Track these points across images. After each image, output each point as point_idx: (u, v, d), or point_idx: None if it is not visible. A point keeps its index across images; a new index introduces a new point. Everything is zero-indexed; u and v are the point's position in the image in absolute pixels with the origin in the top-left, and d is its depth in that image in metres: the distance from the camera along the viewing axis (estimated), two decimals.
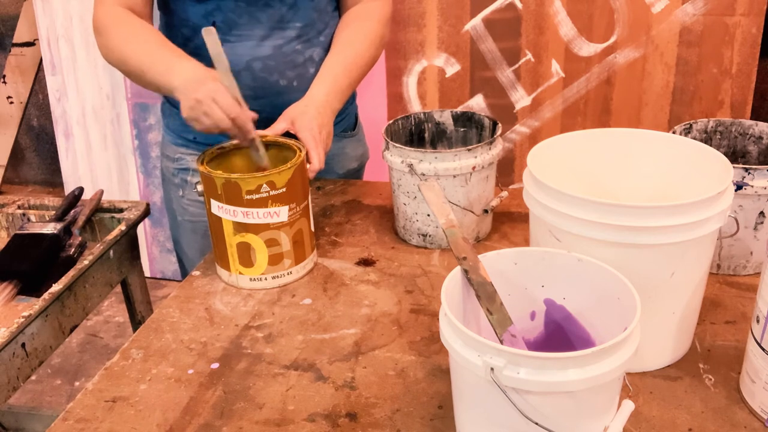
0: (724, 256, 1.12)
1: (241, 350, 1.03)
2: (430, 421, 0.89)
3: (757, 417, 0.87)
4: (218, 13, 1.32)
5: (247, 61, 1.34)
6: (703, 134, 1.22)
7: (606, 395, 0.74)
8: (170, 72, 1.20)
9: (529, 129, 2.42)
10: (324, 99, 1.29)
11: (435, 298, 1.13)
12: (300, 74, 1.39)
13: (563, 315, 0.87)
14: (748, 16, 2.15)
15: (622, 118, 2.34)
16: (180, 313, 1.12)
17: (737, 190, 1.04)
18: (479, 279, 0.82)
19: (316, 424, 0.89)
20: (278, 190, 1.11)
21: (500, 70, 2.36)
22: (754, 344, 0.86)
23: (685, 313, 0.94)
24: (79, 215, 1.40)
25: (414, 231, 1.27)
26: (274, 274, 1.16)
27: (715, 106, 2.26)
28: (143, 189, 2.81)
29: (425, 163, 1.19)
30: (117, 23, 1.28)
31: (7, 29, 3.28)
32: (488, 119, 1.30)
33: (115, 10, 1.29)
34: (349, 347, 1.03)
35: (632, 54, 2.26)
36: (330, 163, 1.27)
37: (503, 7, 2.28)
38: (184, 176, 1.47)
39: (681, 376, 0.94)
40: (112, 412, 0.93)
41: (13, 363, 1.14)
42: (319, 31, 1.40)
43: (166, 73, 1.20)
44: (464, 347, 0.73)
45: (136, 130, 2.74)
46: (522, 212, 1.33)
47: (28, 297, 1.24)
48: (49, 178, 3.56)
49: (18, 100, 3.36)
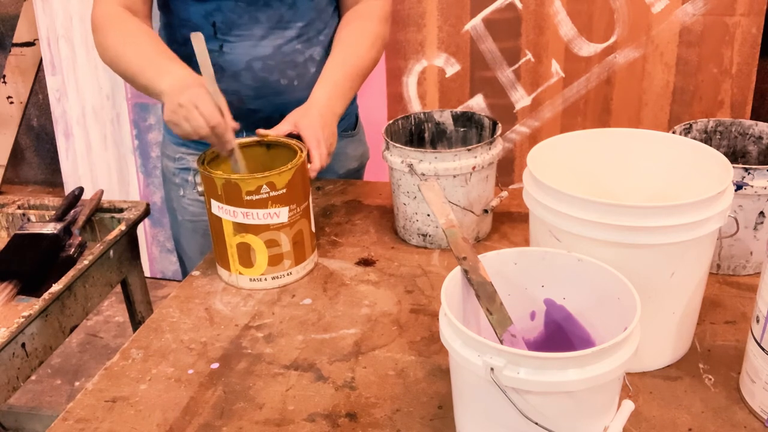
0: (724, 256, 1.12)
1: (241, 350, 1.03)
2: (430, 421, 0.89)
3: (757, 417, 0.87)
4: (218, 13, 1.32)
5: (247, 61, 1.35)
6: (703, 134, 1.22)
7: (606, 395, 0.74)
8: (159, 76, 1.20)
9: (529, 129, 2.42)
10: (326, 103, 1.29)
11: (435, 298, 1.13)
12: (300, 74, 1.39)
13: (563, 315, 0.87)
14: (748, 16, 2.15)
15: (622, 118, 2.34)
16: (180, 313, 1.12)
17: (737, 190, 1.04)
18: (479, 279, 0.82)
19: (316, 424, 0.89)
20: (278, 191, 1.10)
21: (500, 70, 2.36)
22: (754, 344, 0.86)
23: (685, 313, 0.94)
24: (79, 215, 1.40)
25: (414, 231, 1.27)
26: (274, 275, 1.16)
27: (715, 106, 2.26)
28: (143, 189, 2.81)
29: (425, 163, 1.19)
30: (114, 22, 1.28)
31: (7, 29, 3.28)
32: (488, 119, 1.30)
33: (114, 9, 1.29)
34: (349, 347, 1.03)
35: (632, 54, 2.26)
36: (331, 162, 1.27)
37: (503, 7, 2.28)
38: (185, 176, 1.47)
39: (681, 376, 0.94)
40: (112, 412, 0.93)
41: (13, 363, 1.14)
42: (319, 31, 1.40)
43: (155, 76, 1.20)
44: (464, 347, 0.73)
45: (136, 130, 2.74)
46: (522, 212, 1.33)
47: (28, 297, 1.24)
48: (49, 178, 3.56)
49: (18, 100, 3.36)
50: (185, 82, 1.16)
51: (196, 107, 1.12)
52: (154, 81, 1.20)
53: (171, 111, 1.15)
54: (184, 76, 1.18)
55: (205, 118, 1.12)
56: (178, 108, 1.14)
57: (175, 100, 1.14)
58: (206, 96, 1.14)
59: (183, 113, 1.13)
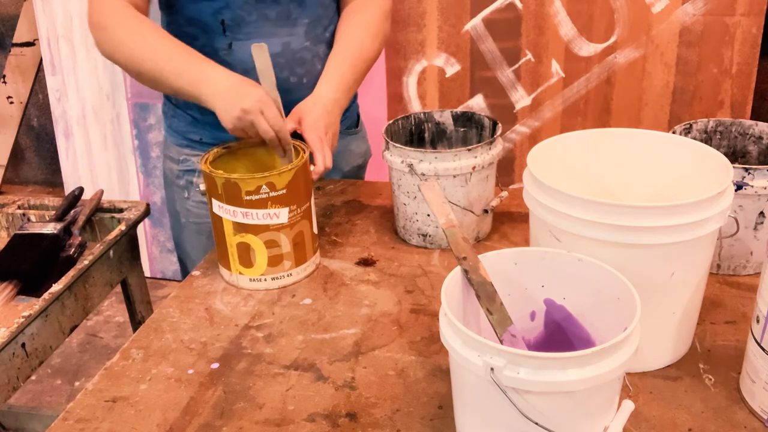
0: (724, 256, 1.12)
1: (241, 350, 1.03)
2: (430, 421, 0.89)
3: (757, 417, 0.87)
4: (227, 10, 1.31)
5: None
6: (703, 134, 1.22)
7: (606, 395, 0.74)
8: (199, 81, 1.20)
9: (529, 129, 2.42)
10: (332, 96, 1.29)
11: (435, 298, 1.13)
12: (308, 71, 1.39)
13: (563, 315, 0.87)
14: (748, 16, 2.15)
15: (622, 118, 2.34)
16: (180, 313, 1.12)
17: (737, 190, 1.04)
18: (479, 279, 0.82)
19: (316, 424, 0.89)
20: (278, 192, 1.10)
21: (500, 70, 2.36)
22: (754, 344, 0.86)
23: (685, 313, 0.94)
24: (79, 215, 1.40)
25: (414, 231, 1.27)
26: (273, 275, 1.16)
27: (715, 106, 2.26)
28: (143, 189, 2.81)
29: (425, 163, 1.19)
30: (124, 19, 1.25)
31: (7, 29, 3.28)
32: (488, 119, 1.30)
33: (118, 4, 1.26)
34: (349, 347, 1.03)
35: (632, 54, 2.26)
36: (335, 160, 1.27)
37: (503, 7, 2.28)
38: (190, 177, 1.45)
39: (681, 376, 0.94)
40: (112, 412, 0.93)
41: (13, 363, 1.14)
42: (324, 27, 1.40)
43: (194, 81, 1.20)
44: (464, 347, 0.73)
45: (136, 130, 2.74)
46: (522, 212, 1.33)
47: (28, 297, 1.24)
48: (49, 178, 3.57)
49: (18, 100, 3.36)
50: (239, 85, 1.18)
51: (261, 113, 1.15)
52: (194, 86, 1.20)
53: (235, 118, 1.16)
54: (233, 80, 1.20)
55: (270, 123, 1.15)
56: (243, 114, 1.15)
57: (237, 105, 1.15)
58: (270, 101, 1.17)
59: (250, 118, 1.15)
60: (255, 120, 1.15)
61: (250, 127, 1.17)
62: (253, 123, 1.16)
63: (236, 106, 1.16)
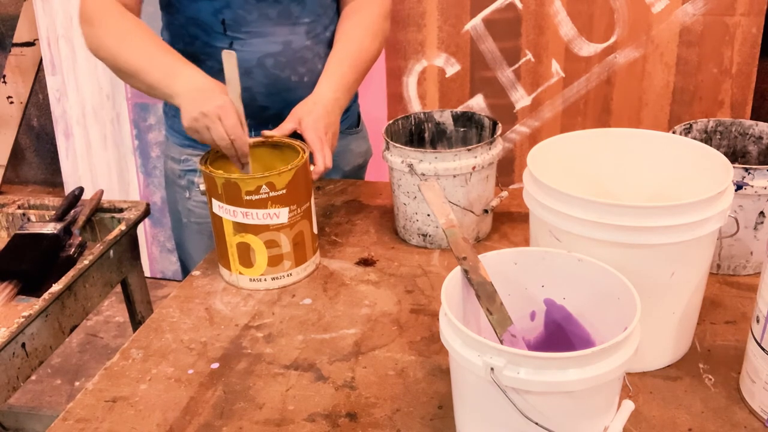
0: (724, 256, 1.12)
1: (241, 350, 1.03)
2: (430, 421, 0.89)
3: (757, 417, 0.87)
4: (228, 10, 1.31)
5: (258, 58, 1.34)
6: (703, 134, 1.22)
7: (606, 395, 0.74)
8: (171, 77, 1.19)
9: (529, 129, 2.42)
10: (332, 96, 1.28)
11: (435, 298, 1.13)
12: (310, 69, 1.39)
13: (563, 315, 0.87)
14: (748, 16, 2.15)
15: (622, 118, 2.34)
16: (180, 313, 1.12)
17: (737, 190, 1.04)
18: (479, 279, 0.82)
19: (316, 424, 0.89)
20: (278, 192, 1.10)
21: (500, 70, 2.36)
22: (754, 344, 0.86)
23: (685, 313, 0.94)
24: (79, 215, 1.40)
25: (414, 231, 1.27)
26: (273, 275, 1.16)
27: (715, 106, 2.26)
28: (143, 189, 2.81)
29: (425, 163, 1.19)
30: (109, 15, 1.26)
31: (7, 29, 3.28)
32: (488, 119, 1.30)
33: (106, 1, 1.26)
34: (349, 347, 1.03)
35: (632, 54, 2.26)
36: (336, 160, 1.27)
37: (503, 7, 2.28)
38: (192, 177, 1.45)
39: (681, 376, 0.94)
40: (112, 412, 0.93)
41: (13, 363, 1.14)
42: (325, 27, 1.40)
43: (166, 77, 1.19)
44: (464, 347, 0.73)
45: (136, 130, 2.74)
46: (522, 212, 1.33)
47: (28, 297, 1.24)
48: (49, 178, 3.56)
49: (18, 100, 3.36)
50: (206, 87, 1.16)
51: (219, 119, 1.12)
52: (165, 82, 1.19)
53: (192, 119, 1.14)
54: (201, 80, 1.17)
55: (227, 131, 1.12)
56: (201, 116, 1.13)
57: (198, 107, 1.13)
58: (231, 108, 1.13)
59: (206, 122, 1.13)
60: (210, 125, 1.12)
61: (204, 131, 1.14)
62: (208, 127, 1.13)
63: (197, 107, 1.13)
